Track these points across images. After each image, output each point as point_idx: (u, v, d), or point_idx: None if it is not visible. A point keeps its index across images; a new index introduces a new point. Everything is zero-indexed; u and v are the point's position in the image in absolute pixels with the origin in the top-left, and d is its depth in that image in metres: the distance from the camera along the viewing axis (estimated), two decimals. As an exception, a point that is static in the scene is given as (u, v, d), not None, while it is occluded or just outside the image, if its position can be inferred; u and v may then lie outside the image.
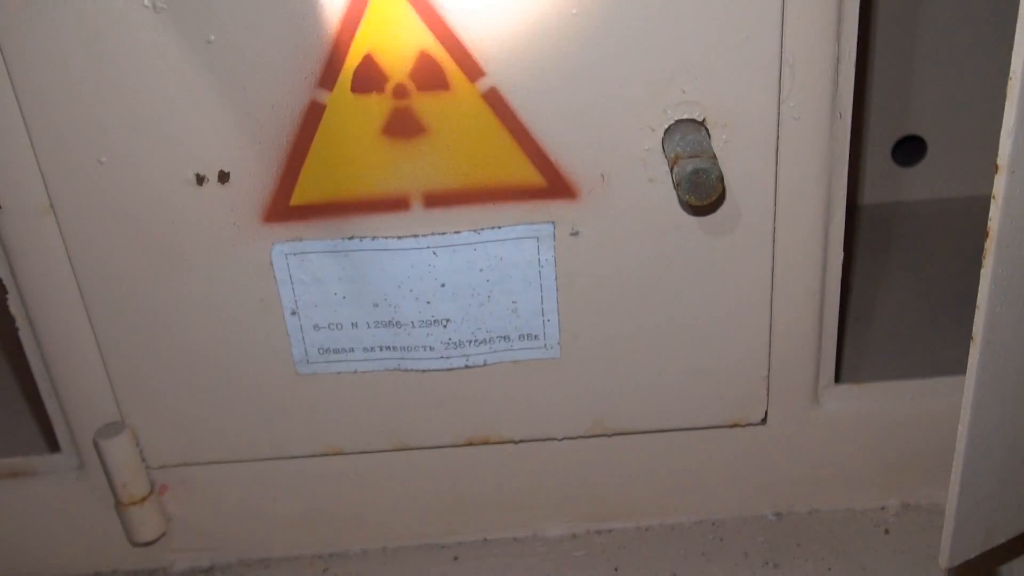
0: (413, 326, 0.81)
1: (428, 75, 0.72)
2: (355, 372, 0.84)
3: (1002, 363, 0.63)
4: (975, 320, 0.62)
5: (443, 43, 0.71)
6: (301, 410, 0.86)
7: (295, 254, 0.78)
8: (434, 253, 0.78)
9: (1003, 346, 0.63)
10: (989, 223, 0.59)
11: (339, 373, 0.84)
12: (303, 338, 0.82)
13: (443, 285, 0.80)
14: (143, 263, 0.79)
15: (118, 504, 0.88)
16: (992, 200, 0.58)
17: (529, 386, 0.85)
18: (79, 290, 0.80)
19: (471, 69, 0.72)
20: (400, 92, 0.72)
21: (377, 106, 0.73)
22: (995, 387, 0.64)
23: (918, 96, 1.25)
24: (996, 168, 0.57)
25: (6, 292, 0.82)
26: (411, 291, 0.80)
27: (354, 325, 0.81)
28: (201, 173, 0.75)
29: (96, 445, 0.85)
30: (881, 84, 1.23)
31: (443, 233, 0.78)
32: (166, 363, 0.83)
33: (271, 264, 0.79)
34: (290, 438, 0.87)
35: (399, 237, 0.78)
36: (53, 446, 0.91)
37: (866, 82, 1.22)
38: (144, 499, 0.88)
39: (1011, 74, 0.55)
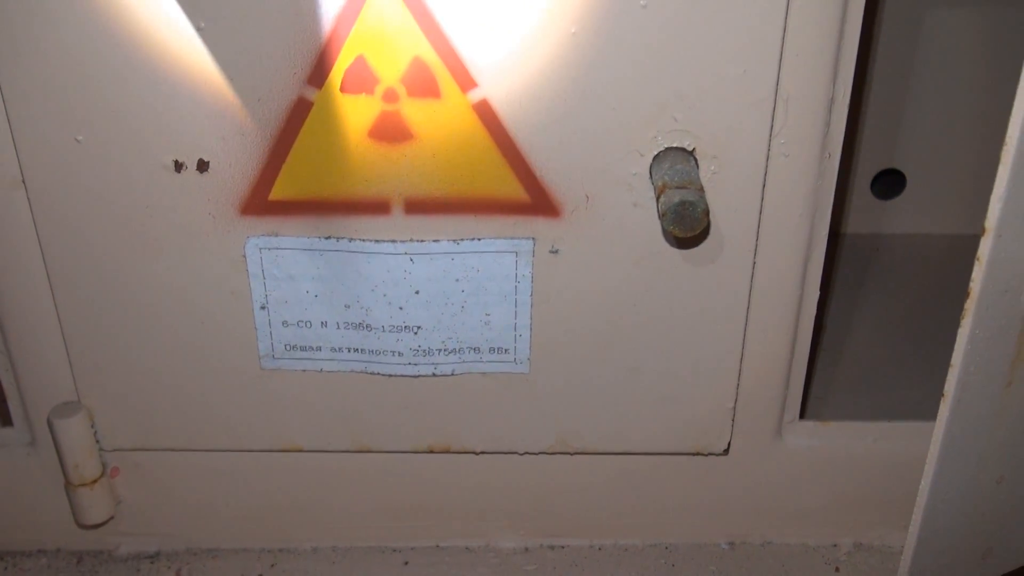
0: (383, 330, 0.80)
1: (420, 81, 0.71)
2: (321, 371, 0.82)
3: (970, 422, 0.63)
4: (948, 377, 0.62)
5: (437, 51, 0.70)
6: (263, 405, 0.84)
7: (269, 249, 0.77)
8: (411, 259, 0.77)
9: (972, 405, 0.63)
10: (971, 284, 0.58)
11: (304, 371, 0.83)
12: (270, 333, 0.81)
13: (417, 292, 0.79)
14: (113, 245, 0.77)
15: (68, 484, 0.87)
16: (976, 262, 0.58)
17: (495, 399, 0.84)
18: (45, 266, 0.78)
19: (464, 79, 0.71)
20: (390, 96, 0.71)
21: (365, 108, 0.71)
22: (961, 445, 0.64)
23: (903, 131, 1.25)
24: (983, 230, 0.57)
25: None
26: (384, 295, 0.79)
27: (323, 324, 0.80)
28: (180, 160, 0.73)
29: (50, 423, 0.84)
30: (867, 116, 1.24)
31: (422, 240, 0.77)
32: (128, 346, 0.82)
33: (244, 257, 0.77)
34: (249, 431, 0.86)
35: (377, 241, 0.76)
36: (5, 420, 0.89)
37: (858, 117, 1.22)
38: (95, 481, 0.87)
39: (1007, 139, 0.55)
